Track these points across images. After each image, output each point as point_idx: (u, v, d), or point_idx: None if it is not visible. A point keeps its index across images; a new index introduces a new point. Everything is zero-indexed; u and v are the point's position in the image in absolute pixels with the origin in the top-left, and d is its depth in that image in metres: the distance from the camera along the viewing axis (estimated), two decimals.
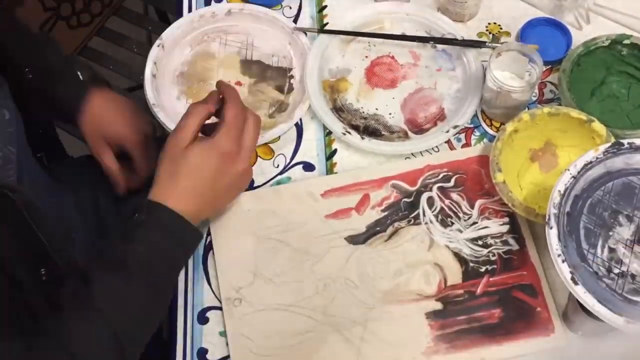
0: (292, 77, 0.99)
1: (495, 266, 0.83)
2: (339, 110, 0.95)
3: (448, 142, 0.92)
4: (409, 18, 1.01)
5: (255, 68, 1.00)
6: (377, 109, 0.95)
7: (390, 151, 0.91)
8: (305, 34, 1.00)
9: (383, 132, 0.93)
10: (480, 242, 0.85)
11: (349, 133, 0.92)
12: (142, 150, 0.94)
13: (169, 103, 0.97)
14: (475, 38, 0.99)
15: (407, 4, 1.02)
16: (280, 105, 0.97)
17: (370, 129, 0.93)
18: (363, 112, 0.95)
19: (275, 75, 0.99)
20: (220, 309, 0.83)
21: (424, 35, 1.00)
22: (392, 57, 0.99)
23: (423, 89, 0.96)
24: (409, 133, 0.93)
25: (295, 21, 1.03)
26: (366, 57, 1.00)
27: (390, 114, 0.95)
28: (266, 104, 0.97)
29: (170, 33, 1.01)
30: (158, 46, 0.99)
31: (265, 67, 1.00)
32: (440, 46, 0.99)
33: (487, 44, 0.96)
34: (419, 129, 0.94)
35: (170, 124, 0.92)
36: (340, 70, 0.99)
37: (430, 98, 0.96)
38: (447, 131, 0.91)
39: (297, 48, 1.00)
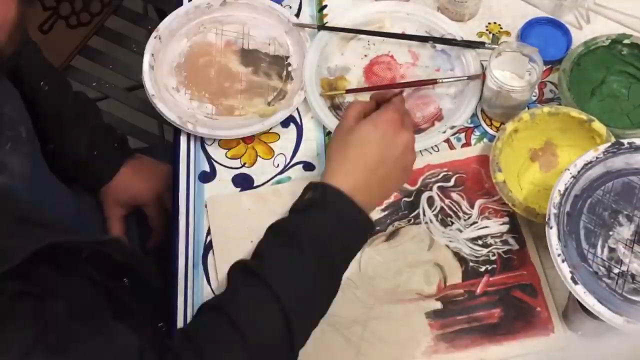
0: (289, 64, 0.99)
1: (495, 266, 0.83)
2: (336, 108, 0.95)
3: (448, 141, 0.92)
4: (409, 17, 1.01)
5: (252, 57, 1.00)
6: None
7: None
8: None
9: None
10: (480, 242, 0.85)
11: None
12: (156, 208, 1.00)
13: (168, 94, 0.97)
14: (475, 37, 0.99)
15: (407, 3, 1.02)
16: (278, 93, 0.97)
17: None
18: None
19: (272, 64, 0.99)
20: None
21: (424, 35, 1.00)
22: (391, 57, 0.99)
23: (421, 88, 0.96)
24: None
25: None
26: (365, 55, 1.00)
27: None
28: (265, 92, 0.97)
29: (167, 24, 1.01)
30: (155, 38, 0.99)
31: (263, 55, 1.00)
32: (439, 46, 0.99)
33: (486, 45, 0.96)
34: (417, 129, 0.93)
35: (169, 115, 0.93)
36: (339, 69, 0.99)
37: (428, 98, 0.96)
38: (445, 131, 0.91)
39: (293, 36, 1.00)
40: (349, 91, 0.96)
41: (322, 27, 1.00)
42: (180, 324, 0.83)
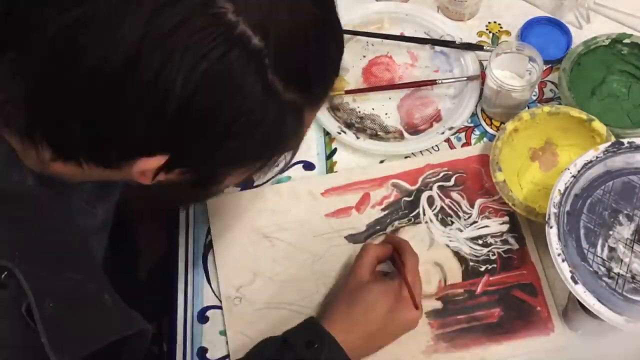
0: None
1: (495, 265, 0.83)
2: (335, 109, 0.95)
3: (448, 141, 0.92)
4: (408, 18, 1.01)
5: None
6: (373, 108, 0.95)
7: (385, 151, 0.91)
8: None
9: (379, 132, 0.93)
10: (480, 242, 0.85)
11: (344, 132, 0.92)
12: None
13: None
14: (475, 37, 0.99)
15: (407, 4, 1.02)
16: None
17: (366, 129, 0.93)
18: (359, 112, 0.95)
19: None
20: (220, 308, 0.83)
21: (423, 35, 1.00)
22: (390, 57, 0.99)
23: (420, 89, 0.96)
24: (405, 134, 0.93)
25: None
26: (364, 56, 0.99)
27: (386, 114, 0.95)
28: None
29: None
30: None
31: None
32: (438, 47, 0.99)
33: (484, 48, 0.96)
34: (415, 130, 0.93)
35: None
36: None
37: (427, 99, 0.96)
38: (443, 132, 0.91)
39: None
40: (348, 92, 0.96)
41: None
42: (180, 323, 0.83)
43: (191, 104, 0.50)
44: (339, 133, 0.92)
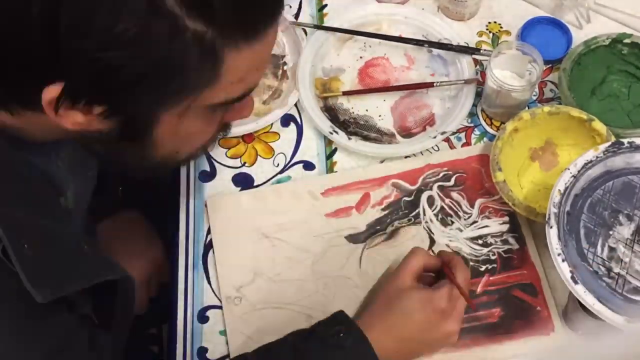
0: (285, 63, 0.99)
1: (495, 265, 0.83)
2: (329, 109, 0.95)
3: (448, 141, 0.92)
4: (407, 21, 1.00)
5: None
6: (367, 110, 0.95)
7: (376, 153, 0.91)
8: (305, 32, 1.00)
9: (371, 134, 0.93)
10: (480, 241, 0.85)
11: (336, 132, 0.92)
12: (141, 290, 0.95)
13: None
14: (476, 37, 0.99)
15: (406, 6, 1.02)
16: (274, 92, 0.97)
17: (358, 130, 0.93)
18: (353, 113, 0.95)
19: None
20: (220, 307, 0.83)
21: (421, 39, 0.99)
22: (387, 59, 0.99)
23: (415, 92, 0.96)
24: (397, 136, 0.93)
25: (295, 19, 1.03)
26: (361, 57, 0.99)
27: (380, 116, 0.95)
28: (260, 91, 0.97)
29: None
30: None
31: None
32: (435, 51, 0.98)
33: (482, 51, 0.96)
34: (408, 133, 0.93)
35: None
36: (333, 69, 0.98)
37: (421, 102, 0.96)
38: (435, 137, 0.91)
39: (289, 35, 1.00)
40: (345, 93, 0.95)
41: (318, 26, 0.99)
42: (180, 323, 0.83)
43: (58, 12, 0.48)
44: (331, 133, 0.91)
